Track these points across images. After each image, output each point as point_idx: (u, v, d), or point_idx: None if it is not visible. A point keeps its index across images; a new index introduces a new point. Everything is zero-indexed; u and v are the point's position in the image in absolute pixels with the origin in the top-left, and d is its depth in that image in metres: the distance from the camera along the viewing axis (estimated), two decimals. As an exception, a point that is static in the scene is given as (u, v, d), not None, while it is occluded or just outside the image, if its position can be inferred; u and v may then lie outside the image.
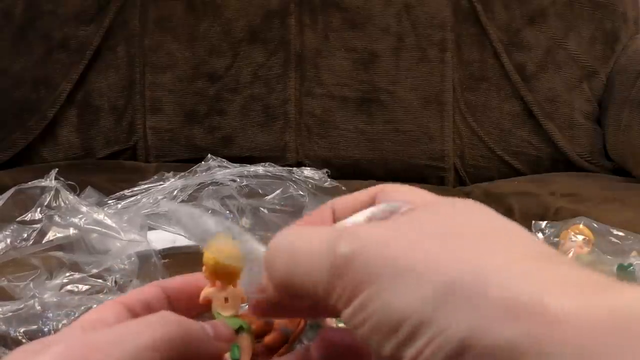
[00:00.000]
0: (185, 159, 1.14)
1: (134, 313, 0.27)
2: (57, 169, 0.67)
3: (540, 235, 0.77)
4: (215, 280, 0.27)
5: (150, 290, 0.28)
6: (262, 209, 0.74)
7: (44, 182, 0.63)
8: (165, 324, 0.23)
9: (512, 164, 1.18)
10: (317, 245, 0.22)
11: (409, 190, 0.26)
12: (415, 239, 0.21)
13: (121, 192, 0.76)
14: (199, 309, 0.27)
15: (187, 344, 0.23)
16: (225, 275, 0.26)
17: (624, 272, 0.60)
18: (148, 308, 0.27)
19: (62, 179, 0.66)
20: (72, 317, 0.54)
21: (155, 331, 0.23)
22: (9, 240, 0.62)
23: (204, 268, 0.27)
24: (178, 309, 0.27)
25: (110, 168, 1.11)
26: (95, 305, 0.54)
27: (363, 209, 0.26)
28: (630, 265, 0.60)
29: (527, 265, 0.20)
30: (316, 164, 1.14)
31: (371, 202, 0.26)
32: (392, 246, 0.20)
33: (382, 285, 0.20)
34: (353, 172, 1.15)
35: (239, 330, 0.26)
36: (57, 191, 0.63)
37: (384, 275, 0.20)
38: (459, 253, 0.20)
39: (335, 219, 0.27)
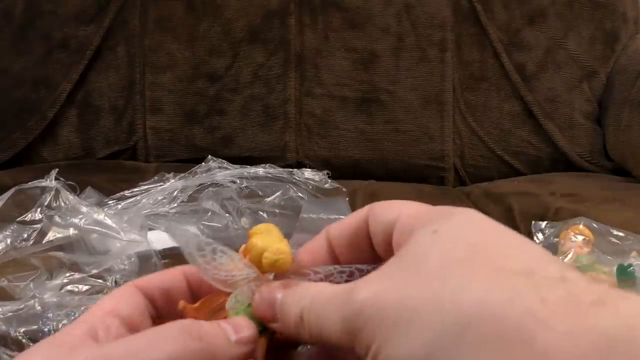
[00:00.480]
0: (185, 159, 1.14)
1: (152, 299, 0.26)
2: (57, 169, 0.67)
3: (540, 235, 0.77)
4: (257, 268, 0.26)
5: (171, 276, 0.27)
6: (260, 212, 0.74)
7: (44, 182, 0.63)
8: (182, 337, 0.23)
9: (512, 164, 1.18)
10: (331, 302, 0.23)
11: (398, 206, 0.25)
12: (401, 288, 0.21)
13: (121, 193, 0.76)
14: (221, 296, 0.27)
15: (205, 355, 0.23)
16: (273, 268, 0.26)
17: (624, 273, 0.60)
18: (167, 296, 0.27)
19: (62, 179, 0.66)
20: (72, 317, 0.54)
21: (173, 345, 0.22)
22: (9, 241, 0.62)
23: (244, 248, 0.27)
24: (199, 295, 0.27)
25: (110, 168, 1.11)
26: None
27: (358, 233, 0.26)
28: (630, 265, 0.60)
29: (511, 290, 0.20)
30: (316, 164, 1.15)
31: (364, 226, 0.26)
32: (385, 299, 0.21)
33: (382, 339, 0.21)
34: (353, 172, 1.15)
35: (261, 332, 0.26)
36: (57, 191, 0.63)
37: (382, 329, 0.21)
38: (442, 293, 0.20)
39: (331, 247, 0.27)
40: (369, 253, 0.26)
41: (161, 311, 0.27)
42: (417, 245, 0.22)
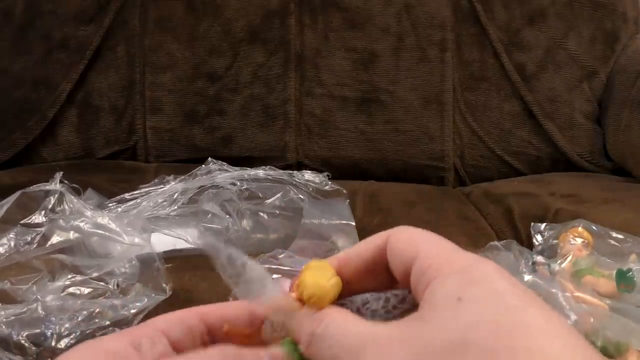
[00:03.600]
0: (185, 159, 1.14)
1: (213, 328, 0.26)
2: (62, 172, 0.67)
3: (539, 237, 0.77)
4: (302, 305, 0.26)
5: (235, 309, 0.27)
6: (261, 213, 0.74)
7: (48, 186, 0.63)
8: None
9: (512, 164, 1.18)
10: (345, 354, 0.23)
11: (416, 240, 0.25)
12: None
13: (121, 196, 0.76)
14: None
15: None
16: (310, 304, 0.26)
17: (624, 278, 0.60)
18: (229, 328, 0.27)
19: (66, 182, 0.66)
20: (75, 321, 0.54)
21: None
22: (12, 243, 0.62)
23: (295, 283, 0.26)
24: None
25: (110, 168, 1.11)
26: (97, 310, 0.54)
27: (375, 261, 0.26)
28: (630, 270, 0.60)
29: None
30: (316, 164, 1.15)
31: (381, 255, 0.26)
32: None
33: None
34: (353, 172, 1.16)
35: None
36: (61, 194, 0.64)
37: None
38: None
39: (341, 269, 0.27)
40: (384, 281, 0.26)
41: (219, 342, 0.27)
42: (437, 312, 0.22)
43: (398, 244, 0.25)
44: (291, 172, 0.83)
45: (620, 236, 0.73)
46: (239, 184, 0.76)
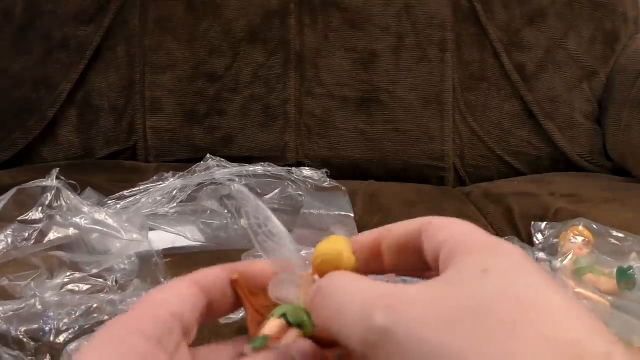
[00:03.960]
0: (185, 159, 1.14)
1: (210, 297, 0.27)
2: (58, 169, 0.67)
3: (539, 236, 0.77)
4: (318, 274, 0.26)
5: (221, 273, 0.27)
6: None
7: (45, 182, 0.63)
8: None
9: (512, 164, 1.18)
10: (355, 308, 0.22)
11: (451, 227, 0.25)
12: (445, 322, 0.21)
13: (120, 193, 0.76)
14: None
15: None
16: (322, 267, 0.26)
17: (624, 275, 0.60)
18: (222, 292, 0.27)
19: (63, 178, 0.66)
20: (73, 316, 0.54)
21: None
22: (10, 240, 0.62)
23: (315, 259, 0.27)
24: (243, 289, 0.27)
25: (110, 168, 1.11)
26: (95, 305, 0.54)
27: (409, 244, 0.26)
28: (631, 268, 0.60)
29: None
30: (316, 164, 1.15)
31: (416, 238, 0.26)
32: (423, 328, 0.21)
33: None
34: (353, 172, 1.16)
35: (300, 325, 0.25)
36: (58, 191, 0.63)
37: (413, 357, 0.20)
38: (485, 348, 0.20)
39: (378, 247, 0.27)
40: (416, 264, 0.26)
41: (210, 305, 0.27)
42: (461, 280, 0.22)
43: (434, 230, 0.25)
44: (290, 168, 0.83)
45: (620, 235, 0.73)
46: (237, 180, 0.76)
